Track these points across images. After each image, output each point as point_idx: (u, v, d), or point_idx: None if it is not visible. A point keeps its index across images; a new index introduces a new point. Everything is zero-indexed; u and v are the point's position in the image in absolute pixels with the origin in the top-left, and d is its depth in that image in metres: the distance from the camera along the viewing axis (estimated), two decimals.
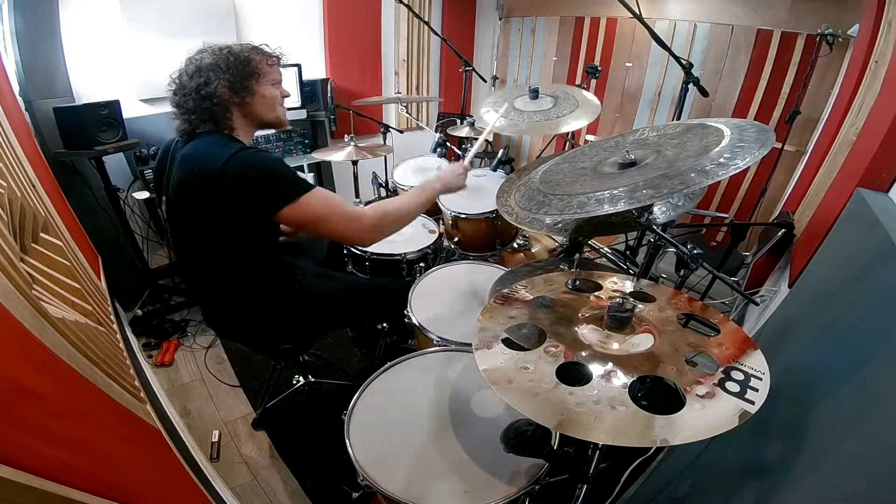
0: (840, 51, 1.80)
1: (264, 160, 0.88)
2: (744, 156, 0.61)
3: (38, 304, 0.65)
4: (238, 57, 0.92)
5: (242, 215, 0.89)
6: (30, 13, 1.54)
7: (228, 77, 0.90)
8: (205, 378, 1.70)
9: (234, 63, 0.91)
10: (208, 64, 0.91)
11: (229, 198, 0.86)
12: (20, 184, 0.96)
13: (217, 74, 0.90)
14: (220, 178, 0.84)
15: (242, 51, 0.94)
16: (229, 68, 0.91)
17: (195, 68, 0.91)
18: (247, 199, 0.86)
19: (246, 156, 0.87)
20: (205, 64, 0.91)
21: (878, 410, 0.48)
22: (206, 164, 0.86)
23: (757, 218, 2.13)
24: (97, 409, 0.70)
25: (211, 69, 0.90)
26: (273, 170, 0.88)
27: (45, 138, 1.57)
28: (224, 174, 0.84)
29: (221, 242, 0.94)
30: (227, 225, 0.91)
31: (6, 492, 0.38)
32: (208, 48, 0.94)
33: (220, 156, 0.85)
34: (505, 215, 1.06)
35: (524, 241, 1.70)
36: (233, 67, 0.91)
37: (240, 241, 0.95)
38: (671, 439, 0.46)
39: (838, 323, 0.69)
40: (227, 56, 0.92)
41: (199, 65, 0.91)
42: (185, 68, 0.93)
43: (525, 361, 0.59)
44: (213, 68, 0.90)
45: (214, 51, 0.93)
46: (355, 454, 0.74)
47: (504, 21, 3.28)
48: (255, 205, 0.87)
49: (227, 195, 0.86)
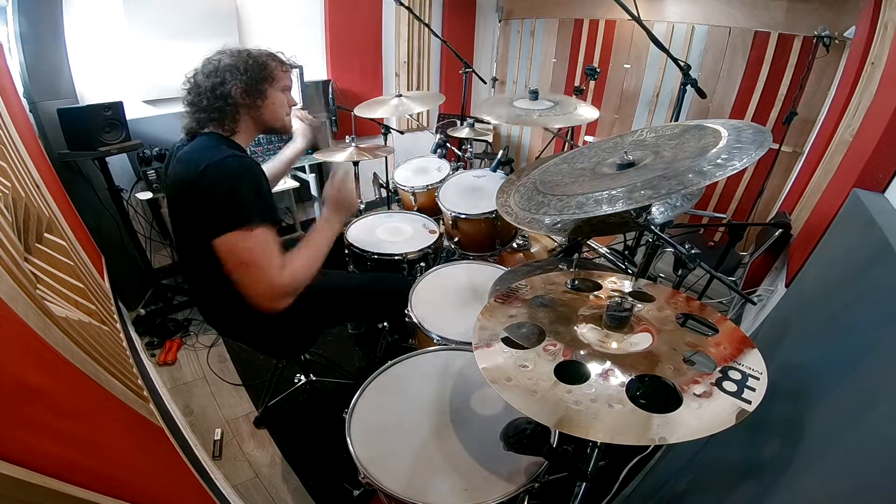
0: (836, 53, 1.81)
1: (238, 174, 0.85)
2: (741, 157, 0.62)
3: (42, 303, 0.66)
4: (256, 60, 0.94)
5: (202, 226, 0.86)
6: (34, 15, 1.55)
7: (245, 79, 0.92)
8: (207, 377, 1.71)
9: (251, 66, 0.93)
10: (227, 65, 0.92)
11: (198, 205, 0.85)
12: (24, 184, 0.97)
13: (234, 76, 0.91)
14: (195, 184, 0.84)
15: (260, 55, 0.96)
16: (247, 70, 0.92)
17: (213, 68, 0.93)
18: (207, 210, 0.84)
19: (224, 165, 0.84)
20: (223, 65, 0.92)
21: (874, 409, 0.48)
22: (192, 166, 0.87)
23: (754, 218, 2.14)
24: (100, 408, 0.71)
25: (228, 70, 0.92)
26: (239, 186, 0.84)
27: (49, 139, 1.58)
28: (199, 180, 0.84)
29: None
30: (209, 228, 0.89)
31: (10, 489, 0.39)
32: (227, 50, 0.96)
33: (202, 160, 0.85)
34: (504, 215, 1.07)
35: (524, 241, 1.71)
36: (250, 70, 0.93)
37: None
38: (669, 438, 0.47)
39: (835, 322, 0.69)
40: (245, 59, 0.93)
41: (218, 65, 0.93)
42: (201, 68, 0.95)
43: (524, 360, 0.60)
44: (231, 69, 0.92)
45: (233, 53, 0.94)
46: (356, 452, 0.75)
47: (504, 23, 3.29)
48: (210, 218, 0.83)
49: (198, 202, 0.85)
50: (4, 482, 0.38)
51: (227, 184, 0.84)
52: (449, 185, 1.68)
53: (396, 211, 1.87)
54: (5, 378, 0.46)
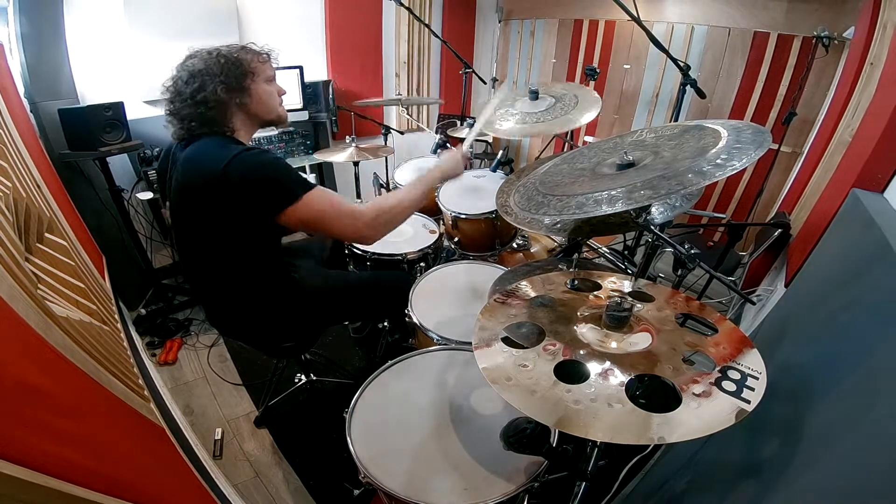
0: (836, 53, 1.81)
1: (267, 160, 0.88)
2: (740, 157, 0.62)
3: (43, 303, 0.66)
4: (228, 58, 0.92)
5: (245, 216, 0.89)
6: (35, 15, 1.56)
7: (222, 79, 0.90)
8: (208, 376, 1.71)
9: (225, 65, 0.91)
10: (200, 69, 0.90)
11: (232, 199, 0.86)
12: (25, 184, 0.97)
13: (211, 78, 0.90)
14: (223, 179, 0.84)
15: (231, 51, 0.93)
16: (222, 71, 0.91)
17: (188, 74, 0.91)
18: (250, 200, 0.86)
19: (249, 156, 0.87)
20: (197, 69, 0.90)
21: (873, 409, 0.48)
22: (209, 165, 0.86)
23: (754, 218, 2.14)
24: (101, 408, 0.71)
25: (204, 74, 0.90)
26: (276, 170, 0.88)
27: (50, 139, 1.59)
28: (227, 175, 0.84)
29: (223, 243, 0.95)
30: (230, 225, 0.91)
31: (11, 488, 0.39)
32: (197, 53, 0.93)
33: (222, 157, 0.85)
34: (504, 215, 1.07)
35: (523, 241, 1.71)
36: (225, 68, 0.91)
37: (242, 242, 0.95)
38: (668, 437, 0.47)
39: (834, 322, 0.69)
40: (217, 59, 0.91)
41: (192, 70, 0.91)
42: (178, 75, 0.93)
43: (524, 360, 0.60)
44: (206, 73, 0.90)
45: (203, 55, 0.92)
46: (356, 451, 0.75)
47: (504, 24, 3.29)
48: (258, 205, 0.87)
49: (230, 196, 0.86)
50: (5, 482, 0.38)
51: (258, 171, 0.86)
52: (449, 185, 1.69)
53: None
54: (6, 377, 0.46)
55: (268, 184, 0.87)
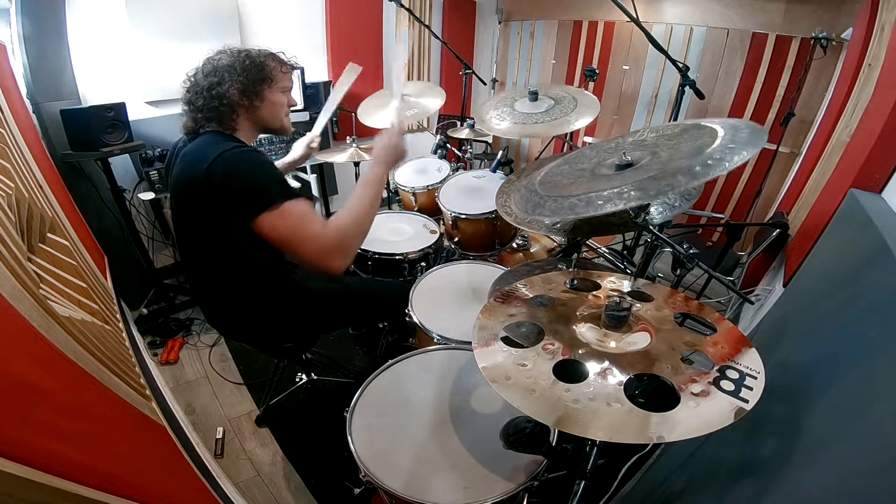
0: (834, 54, 1.82)
1: (251, 160, 0.85)
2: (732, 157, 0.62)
3: (46, 303, 0.67)
4: (254, 61, 0.93)
5: (226, 218, 0.86)
6: (37, 17, 1.56)
7: (242, 79, 0.91)
8: (209, 376, 1.71)
9: (249, 66, 0.92)
10: (225, 65, 0.92)
11: (215, 198, 0.84)
12: (28, 185, 0.97)
13: (231, 76, 0.91)
14: (207, 179, 0.83)
15: (259, 55, 0.95)
16: (244, 71, 0.92)
17: (212, 68, 0.92)
18: (228, 200, 0.83)
19: (234, 154, 0.84)
20: (221, 65, 0.92)
21: (871, 408, 0.48)
22: (197, 163, 0.85)
23: (752, 218, 2.15)
24: (103, 407, 0.72)
25: (226, 70, 0.91)
26: (258, 171, 0.85)
27: (52, 140, 1.59)
28: (212, 173, 0.82)
29: (217, 242, 0.94)
30: (218, 226, 0.89)
31: (14, 487, 0.39)
32: (227, 49, 0.95)
33: (208, 155, 0.84)
34: (504, 216, 1.07)
35: (523, 241, 1.72)
36: (248, 70, 0.92)
37: (233, 242, 0.93)
38: (667, 436, 0.47)
39: (832, 322, 0.70)
40: (244, 59, 0.93)
41: (216, 65, 0.92)
42: (201, 67, 0.94)
43: (523, 359, 0.60)
44: (229, 69, 0.91)
45: (233, 52, 0.94)
46: (357, 450, 0.75)
47: (503, 25, 3.30)
48: (235, 207, 0.83)
49: (213, 195, 0.84)
50: (7, 480, 0.38)
51: (241, 171, 0.84)
52: (449, 185, 1.69)
53: (397, 211, 1.88)
54: (8, 376, 0.46)
55: (247, 185, 0.83)
